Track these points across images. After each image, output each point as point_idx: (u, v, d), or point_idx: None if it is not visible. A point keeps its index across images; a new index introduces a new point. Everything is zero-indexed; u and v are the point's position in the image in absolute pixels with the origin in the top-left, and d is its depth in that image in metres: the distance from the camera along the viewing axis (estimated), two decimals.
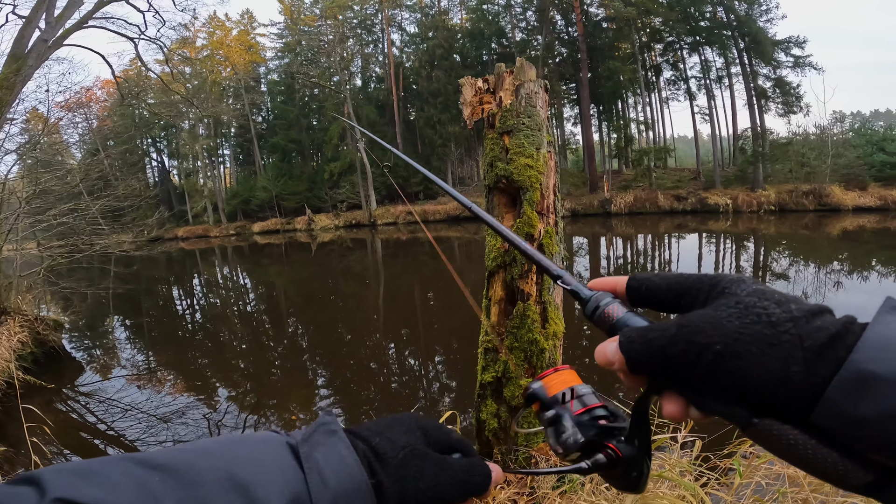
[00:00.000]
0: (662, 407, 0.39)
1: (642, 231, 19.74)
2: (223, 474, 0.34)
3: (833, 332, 0.32)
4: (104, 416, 5.69)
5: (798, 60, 23.83)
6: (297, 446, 0.40)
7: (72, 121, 27.31)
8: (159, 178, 40.52)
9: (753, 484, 1.98)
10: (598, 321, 0.44)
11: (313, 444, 0.40)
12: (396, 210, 29.21)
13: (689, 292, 0.40)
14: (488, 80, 2.17)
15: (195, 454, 0.35)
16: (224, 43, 35.38)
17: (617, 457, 0.42)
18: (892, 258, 11.59)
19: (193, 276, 19.14)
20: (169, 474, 0.32)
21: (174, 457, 0.34)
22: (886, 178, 20.42)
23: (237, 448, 0.38)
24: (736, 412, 0.34)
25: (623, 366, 0.39)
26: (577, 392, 0.45)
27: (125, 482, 0.31)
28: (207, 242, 30.29)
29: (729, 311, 0.35)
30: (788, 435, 0.32)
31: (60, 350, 8.07)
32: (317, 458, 0.39)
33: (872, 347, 0.30)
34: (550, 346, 1.88)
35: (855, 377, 0.29)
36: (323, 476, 0.38)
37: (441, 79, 30.51)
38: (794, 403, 0.32)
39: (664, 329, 0.37)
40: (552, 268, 0.51)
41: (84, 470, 0.31)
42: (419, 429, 0.46)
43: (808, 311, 0.33)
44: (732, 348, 0.33)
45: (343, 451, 0.40)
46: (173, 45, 19.87)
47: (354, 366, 6.94)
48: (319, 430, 0.42)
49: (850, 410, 0.29)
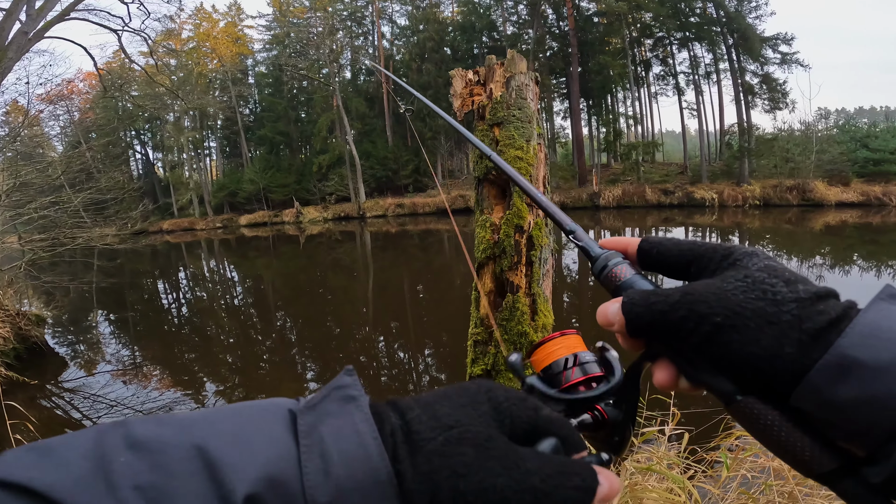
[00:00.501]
0: (654, 374, 0.38)
1: (630, 224, 19.92)
2: (193, 452, 0.27)
3: (833, 316, 0.31)
4: (89, 412, 5.61)
5: (785, 57, 24.14)
6: (298, 415, 0.30)
7: (53, 113, 26.65)
8: (143, 170, 39.89)
9: (739, 477, 2.01)
10: (605, 280, 0.43)
11: (321, 413, 0.30)
12: (385, 203, 29.09)
13: (700, 259, 0.39)
14: (479, 72, 2.15)
15: (177, 428, 0.29)
16: (211, 35, 34.79)
17: (602, 419, 0.41)
18: (873, 252, 11.84)
19: (179, 269, 18.89)
20: (139, 454, 0.27)
21: (154, 431, 0.28)
22: (869, 174, 20.81)
23: (224, 417, 0.30)
24: (723, 386, 0.34)
25: (622, 328, 0.38)
26: (580, 359, 0.44)
27: (80, 461, 0.26)
28: (193, 235, 29.91)
29: (736, 284, 0.34)
30: (767, 415, 0.32)
31: (43, 345, 7.93)
32: (322, 433, 0.29)
33: (860, 333, 0.30)
34: (539, 338, 1.88)
35: (838, 361, 0.29)
36: (326, 458, 0.28)
37: (431, 72, 30.35)
38: (779, 383, 0.32)
39: (668, 294, 0.36)
40: (565, 221, 0.50)
41: (43, 446, 0.27)
42: (488, 401, 0.32)
43: (815, 293, 0.33)
44: (732, 321, 0.33)
45: (360, 425, 0.29)
46: (158, 37, 19.50)
47: (344, 359, 6.92)
48: (333, 394, 0.32)
49: (828, 394, 0.29)
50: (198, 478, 0.26)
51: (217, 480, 0.26)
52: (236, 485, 0.26)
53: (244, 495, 0.26)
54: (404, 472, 0.28)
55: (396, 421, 0.31)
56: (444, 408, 0.31)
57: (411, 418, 0.31)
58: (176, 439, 0.28)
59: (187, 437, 0.28)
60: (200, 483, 0.26)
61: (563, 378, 0.43)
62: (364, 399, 0.31)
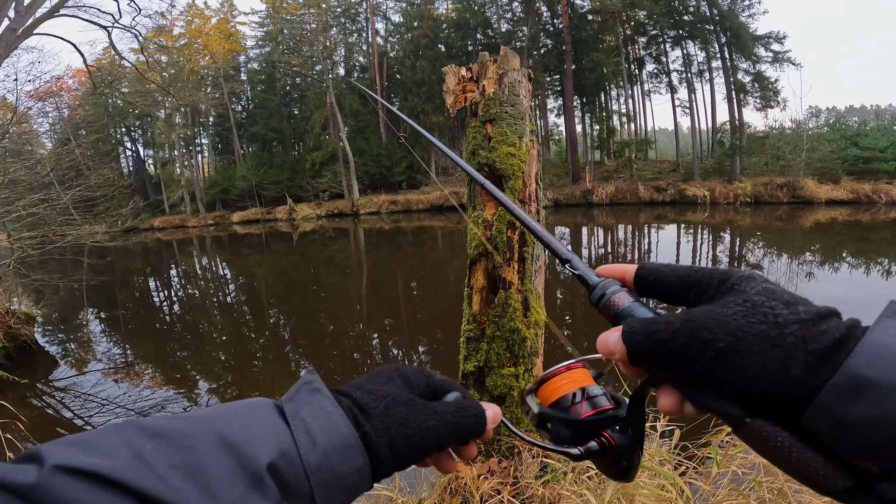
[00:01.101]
0: (658, 400, 0.38)
1: (623, 221, 20.00)
2: (212, 436, 0.35)
3: (837, 336, 0.31)
4: (80, 410, 5.55)
5: (777, 56, 24.31)
6: (283, 405, 0.41)
7: (42, 110, 26.25)
8: (134, 167, 39.47)
9: (730, 473, 2.02)
10: (604, 309, 0.43)
11: (298, 402, 0.41)
12: (379, 200, 29.00)
13: (699, 285, 0.39)
14: (472, 69, 2.14)
15: (186, 421, 0.36)
16: (203, 31, 34.38)
17: (610, 445, 0.42)
18: (862, 250, 11.97)
19: (171, 266, 18.74)
20: (161, 441, 0.33)
21: (166, 425, 0.35)
22: (859, 172, 21.02)
23: (225, 412, 0.39)
24: (730, 410, 0.34)
25: (624, 357, 0.38)
26: (588, 393, 0.44)
27: (120, 449, 0.32)
28: (185, 232, 29.64)
29: (736, 309, 0.34)
30: (777, 437, 0.32)
31: (33, 344, 7.86)
32: (302, 415, 0.39)
33: (869, 352, 0.30)
34: (532, 334, 1.89)
35: (848, 381, 0.29)
36: (311, 433, 0.38)
37: (426, 69, 30.25)
38: (788, 405, 0.32)
39: (668, 322, 0.36)
40: (561, 251, 0.51)
41: (80, 440, 0.32)
42: (400, 377, 0.46)
43: (816, 313, 0.33)
44: (735, 346, 0.33)
45: (328, 406, 0.40)
46: (149, 33, 19.26)
47: (338, 356, 6.91)
48: (303, 388, 0.42)
49: (840, 414, 0.29)
50: (221, 454, 0.34)
51: (238, 454, 0.35)
52: (258, 456, 0.35)
53: (266, 463, 0.35)
54: (368, 432, 0.40)
55: (347, 401, 0.42)
56: (374, 385, 0.44)
57: (357, 397, 0.43)
58: (194, 428, 0.35)
59: (202, 425, 0.36)
60: (224, 457, 0.34)
61: (573, 413, 0.44)
62: (326, 389, 0.43)
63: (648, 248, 14.61)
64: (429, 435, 0.42)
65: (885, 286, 8.79)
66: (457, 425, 0.43)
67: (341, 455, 0.38)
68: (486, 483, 1.95)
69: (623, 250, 14.45)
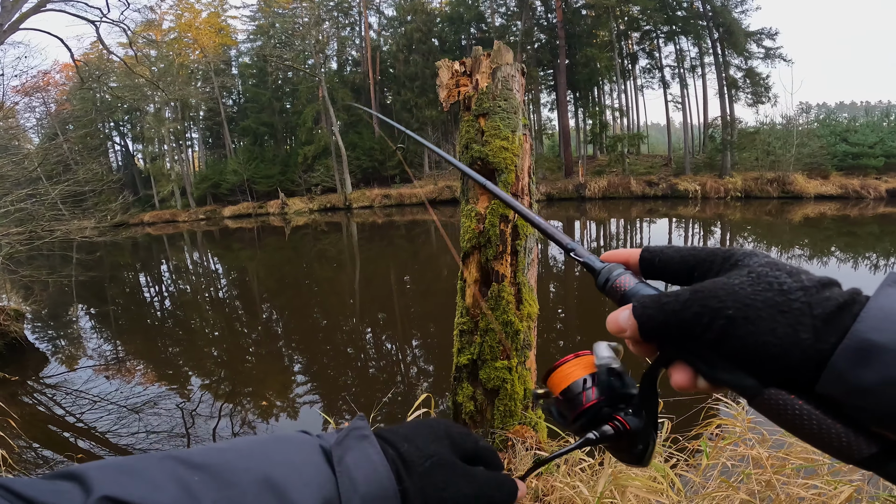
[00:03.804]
0: (671, 377, 0.38)
1: (615, 215, 20.10)
2: (259, 476, 0.35)
3: (841, 301, 0.32)
4: (72, 408, 5.51)
5: (769, 52, 24.41)
6: (331, 450, 0.42)
7: (28, 105, 25.83)
8: (123, 162, 38.93)
9: (720, 465, 2.05)
10: (610, 292, 0.44)
11: (345, 447, 0.42)
12: (372, 194, 28.89)
13: (702, 264, 0.40)
14: (465, 63, 2.14)
15: (232, 454, 0.37)
16: (193, 25, 33.88)
17: (624, 429, 0.42)
18: (850, 244, 12.12)
19: (161, 261, 18.57)
20: (207, 474, 0.34)
21: (211, 456, 0.35)
22: (848, 168, 21.22)
23: (272, 449, 0.39)
24: (745, 382, 0.34)
25: (635, 333, 0.38)
26: (598, 378, 0.45)
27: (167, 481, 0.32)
28: (175, 227, 29.37)
29: (742, 279, 0.35)
30: (794, 405, 0.32)
31: (23, 341, 7.78)
32: (348, 462, 0.40)
33: (875, 317, 0.30)
34: (525, 327, 1.90)
35: (857, 345, 0.30)
36: (353, 480, 0.39)
37: (419, 63, 30.07)
38: (802, 371, 0.32)
39: (678, 294, 0.37)
40: (564, 240, 0.51)
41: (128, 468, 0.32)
42: (447, 437, 0.47)
43: (819, 281, 0.34)
44: (744, 313, 0.33)
45: (374, 456, 0.41)
46: (138, 27, 18.98)
47: (331, 351, 6.90)
48: (352, 434, 0.43)
49: (853, 379, 0.29)
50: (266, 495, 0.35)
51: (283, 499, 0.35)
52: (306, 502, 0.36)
53: None
54: (408, 488, 0.41)
55: (393, 452, 0.43)
56: (423, 441, 0.45)
57: (404, 451, 0.43)
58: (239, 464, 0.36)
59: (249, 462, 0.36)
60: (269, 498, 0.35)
61: (584, 398, 0.44)
62: (373, 437, 0.43)
63: (640, 241, 14.69)
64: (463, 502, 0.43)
65: (873, 280, 8.89)
66: (490, 499, 0.44)
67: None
68: None
69: (616, 244, 14.53)
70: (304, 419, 5.00)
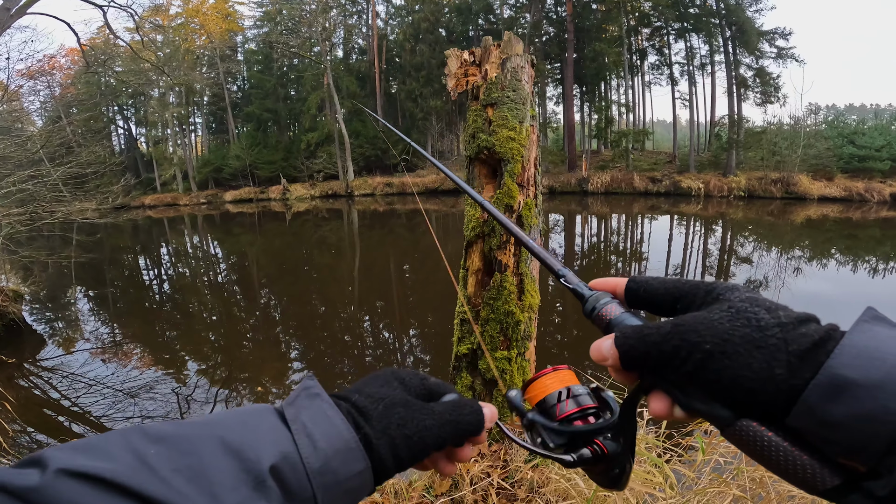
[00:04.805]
0: (650, 405, 0.40)
1: (617, 211, 20.06)
2: (215, 441, 0.36)
3: (816, 338, 0.33)
4: (68, 391, 5.50)
5: (781, 52, 24.17)
6: (283, 410, 0.41)
7: (33, 88, 25.68)
8: (126, 145, 38.76)
9: (713, 461, 2.06)
10: (596, 320, 0.45)
11: (298, 406, 0.41)
12: (374, 181, 28.86)
13: (686, 297, 0.42)
14: (474, 53, 2.13)
15: (189, 426, 0.37)
16: (200, 11, 33.58)
17: (602, 453, 0.43)
18: (851, 247, 12.10)
19: (161, 244, 18.57)
20: (165, 446, 0.34)
21: (169, 430, 0.36)
22: (853, 170, 21.15)
23: (227, 417, 0.39)
24: (719, 412, 0.35)
25: (616, 362, 0.40)
26: (573, 392, 0.46)
27: (123, 454, 0.32)
28: (176, 210, 29.33)
29: (721, 314, 0.36)
30: (764, 437, 0.33)
31: (21, 322, 7.76)
32: (303, 419, 0.40)
33: (849, 354, 0.31)
34: (526, 318, 1.89)
35: (830, 381, 0.31)
36: (311, 437, 0.39)
37: (425, 52, 29.86)
38: (774, 405, 0.33)
39: (659, 327, 0.38)
40: (556, 265, 0.53)
41: (84, 445, 0.33)
42: (396, 379, 0.47)
43: (796, 318, 0.35)
44: (722, 348, 0.35)
45: (328, 410, 0.41)
46: (145, 12, 18.80)
47: (328, 338, 6.91)
48: (303, 394, 0.43)
49: (823, 413, 0.31)
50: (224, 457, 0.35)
51: (240, 458, 0.35)
52: (260, 459, 0.36)
53: (268, 465, 0.36)
54: (367, 433, 0.41)
55: (346, 405, 0.43)
56: (372, 388, 0.45)
57: (355, 400, 0.44)
58: (196, 433, 0.36)
59: (205, 430, 0.37)
60: (227, 461, 0.35)
61: (558, 410, 0.46)
62: (325, 394, 0.43)
63: (641, 237, 14.68)
64: (427, 434, 0.43)
65: (871, 284, 8.91)
66: (455, 423, 0.44)
67: (343, 458, 0.39)
68: (477, 466, 1.97)
69: (616, 239, 14.52)
70: None
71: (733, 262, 10.69)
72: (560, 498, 1.87)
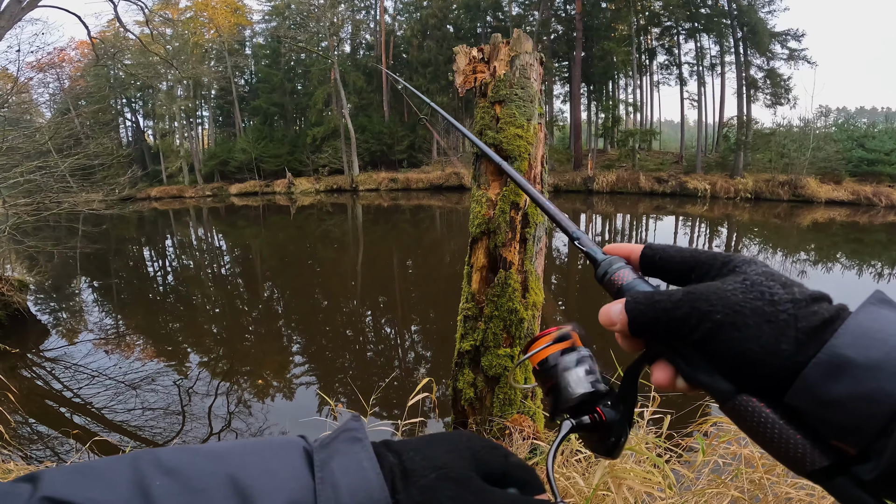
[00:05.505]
0: (653, 374, 0.39)
1: (622, 210, 19.99)
2: (227, 479, 0.31)
3: (826, 317, 0.33)
4: (70, 382, 5.53)
5: (793, 53, 23.92)
6: (314, 453, 0.36)
7: (42, 80, 25.78)
8: (133, 137, 38.95)
9: (712, 462, 2.06)
10: (607, 284, 0.45)
11: (332, 451, 0.36)
12: (379, 177, 28.89)
13: (701, 266, 0.40)
14: (483, 50, 2.12)
15: (204, 457, 0.33)
16: (209, 5, 33.67)
17: (600, 420, 0.43)
18: (856, 251, 12.02)
19: (166, 236, 18.66)
20: (172, 478, 0.31)
21: (182, 459, 0.32)
22: (862, 174, 20.95)
23: (249, 452, 0.35)
24: (720, 385, 0.35)
25: (625, 327, 0.39)
26: (579, 353, 0.46)
27: (123, 483, 0.30)
28: (182, 203, 29.47)
29: (735, 286, 0.36)
30: (762, 413, 0.33)
31: (25, 312, 7.80)
32: (333, 468, 0.34)
33: (852, 334, 0.31)
34: (529, 315, 1.89)
35: (830, 359, 0.31)
36: (336, 488, 0.33)
37: (433, 49, 29.82)
38: (776, 381, 0.33)
39: (670, 294, 0.37)
40: (570, 227, 0.52)
41: (86, 468, 0.30)
42: (468, 448, 0.39)
43: (809, 295, 0.35)
44: (732, 319, 0.34)
45: (365, 462, 0.35)
46: (155, 6, 18.82)
47: (330, 332, 6.93)
48: (342, 436, 0.37)
49: (821, 392, 0.31)
50: (230, 502, 0.31)
51: None
52: None
53: None
54: (400, 500, 0.33)
55: (394, 460, 0.36)
56: (434, 451, 0.37)
57: (406, 458, 0.36)
58: (209, 468, 0.32)
59: (219, 466, 0.32)
60: None
61: None
62: (368, 441, 0.36)
63: (645, 238, 14.62)
64: None
65: (875, 288, 8.85)
66: None
67: None
68: None
69: (620, 239, 14.39)
70: (300, 400, 5.03)
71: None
72: None
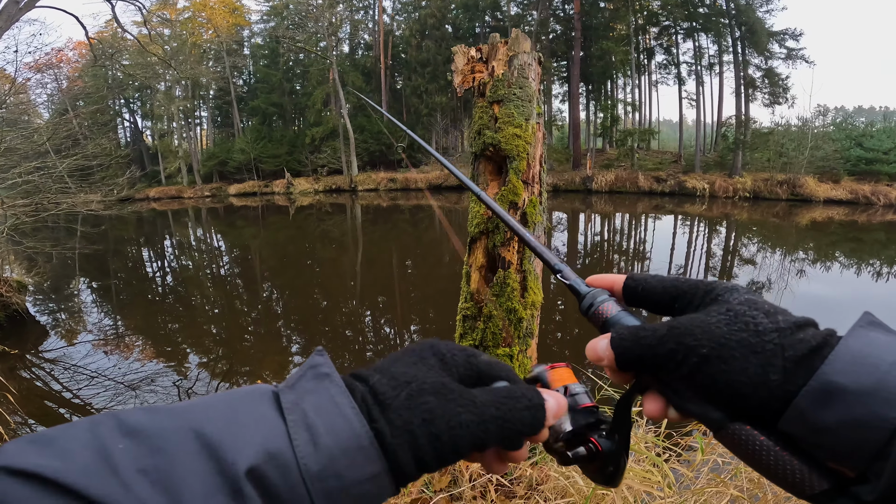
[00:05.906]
0: (644, 405, 0.40)
1: (621, 210, 20.01)
2: (191, 435, 0.29)
3: (814, 344, 0.33)
4: (69, 383, 5.52)
5: (791, 52, 24.02)
6: (280, 395, 0.33)
7: (40, 81, 25.81)
8: (131, 138, 38.96)
9: (711, 462, 2.06)
10: (593, 318, 0.45)
11: (301, 391, 0.33)
12: (378, 177, 28.92)
13: (684, 296, 0.41)
14: (481, 50, 2.12)
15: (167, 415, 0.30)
16: (207, 5, 33.70)
17: (597, 450, 0.43)
18: (855, 250, 12.04)
19: (165, 237, 18.64)
20: (137, 439, 0.28)
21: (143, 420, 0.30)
22: (860, 173, 21.02)
23: (215, 403, 0.32)
24: (712, 415, 0.35)
25: (612, 363, 0.39)
26: (570, 390, 0.45)
27: (83, 450, 0.27)
28: (180, 203, 29.44)
29: (719, 317, 0.36)
30: (756, 440, 0.34)
31: (24, 313, 7.78)
32: (305, 407, 0.32)
33: (842, 360, 0.31)
34: (528, 315, 1.89)
35: (822, 386, 0.31)
36: (313, 430, 0.31)
37: (431, 49, 29.84)
38: (767, 409, 0.33)
39: (655, 329, 0.37)
40: (552, 260, 0.52)
41: (44, 437, 0.28)
42: (434, 355, 0.37)
43: (794, 323, 0.35)
44: (718, 352, 0.34)
45: (337, 396, 0.32)
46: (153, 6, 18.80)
47: (329, 332, 6.93)
48: (308, 374, 0.34)
49: (814, 419, 0.31)
50: (198, 457, 0.29)
51: (217, 458, 0.29)
52: (237, 460, 0.29)
53: (245, 468, 0.29)
54: (381, 429, 0.32)
55: (363, 388, 0.34)
56: (399, 367, 0.36)
57: (374, 382, 0.34)
58: (172, 425, 0.30)
59: (182, 422, 0.30)
60: (201, 462, 0.28)
61: None
62: (336, 374, 0.34)
63: (644, 237, 14.64)
64: (462, 433, 0.33)
65: (875, 287, 8.88)
66: (502, 421, 0.35)
67: (352, 459, 0.31)
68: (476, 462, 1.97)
69: (619, 238, 14.48)
70: None
71: (736, 264, 10.66)
72: (559, 496, 1.87)
